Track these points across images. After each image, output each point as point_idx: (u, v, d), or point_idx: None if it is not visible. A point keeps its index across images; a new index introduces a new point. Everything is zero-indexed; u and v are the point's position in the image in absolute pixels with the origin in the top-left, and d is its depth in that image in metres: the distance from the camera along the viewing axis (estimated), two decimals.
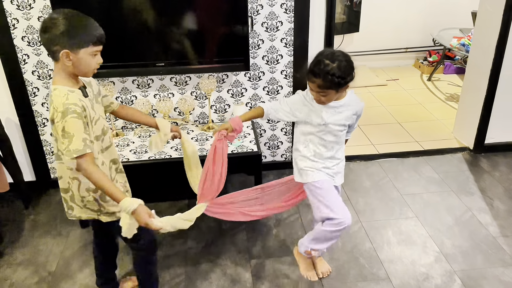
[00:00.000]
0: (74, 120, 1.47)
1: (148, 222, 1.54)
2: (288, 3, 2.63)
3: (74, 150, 1.47)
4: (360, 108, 1.92)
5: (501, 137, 3.32)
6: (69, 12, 1.49)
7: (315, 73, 1.73)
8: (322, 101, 1.82)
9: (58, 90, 1.51)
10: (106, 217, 1.76)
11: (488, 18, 3.07)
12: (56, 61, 1.52)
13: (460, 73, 4.91)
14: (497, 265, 2.27)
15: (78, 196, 1.70)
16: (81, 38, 1.47)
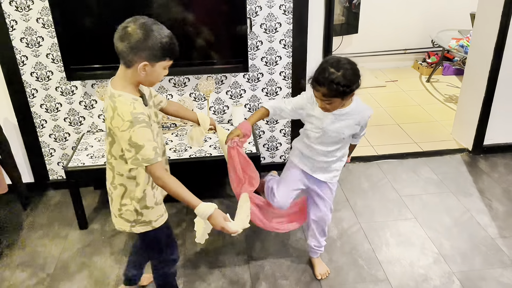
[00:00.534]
0: (143, 130, 1.46)
1: (224, 226, 1.54)
2: (287, 4, 2.64)
3: (145, 160, 1.46)
4: (364, 118, 1.87)
5: (499, 139, 3.32)
6: (147, 22, 1.44)
7: (319, 82, 1.70)
8: (328, 109, 1.80)
9: (123, 97, 1.48)
10: (141, 227, 1.71)
11: (486, 20, 3.07)
12: (127, 67, 1.49)
13: (459, 74, 4.91)
14: (495, 267, 2.27)
15: (117, 203, 1.68)
16: (160, 52, 1.45)
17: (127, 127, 1.45)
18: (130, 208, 1.67)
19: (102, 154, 2.55)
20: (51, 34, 2.53)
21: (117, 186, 1.65)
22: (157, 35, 1.44)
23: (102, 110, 2.79)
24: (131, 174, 1.61)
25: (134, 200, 1.65)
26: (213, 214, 1.52)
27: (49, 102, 2.71)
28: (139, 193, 1.64)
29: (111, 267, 2.32)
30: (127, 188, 1.64)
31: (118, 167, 1.61)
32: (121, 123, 1.46)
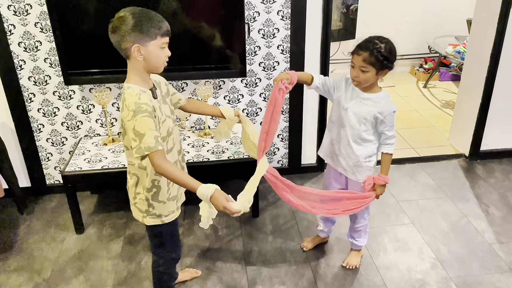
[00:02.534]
0: (145, 119, 1.48)
1: (226, 206, 1.52)
2: (285, 10, 2.65)
3: (146, 148, 1.48)
4: (387, 110, 1.90)
5: (496, 144, 3.33)
6: (133, 8, 1.50)
7: (362, 47, 1.81)
8: (359, 80, 1.85)
9: (131, 89, 1.54)
10: (151, 220, 1.76)
11: (483, 26, 3.09)
12: (128, 59, 1.54)
13: (456, 80, 4.94)
14: (493, 272, 2.27)
15: (132, 192, 1.74)
16: (149, 31, 1.49)
17: (131, 117, 1.49)
18: (142, 197, 1.71)
19: (99, 159, 2.54)
20: (49, 39, 2.53)
21: (132, 175, 1.70)
22: (141, 16, 1.48)
23: (99, 115, 2.78)
24: (142, 164, 1.65)
25: (145, 190, 1.69)
26: (214, 194, 1.51)
27: (47, 106, 2.71)
28: (148, 183, 1.67)
29: (108, 272, 2.31)
30: (139, 177, 1.68)
31: (130, 158, 1.66)
32: (127, 113, 1.51)
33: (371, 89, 1.91)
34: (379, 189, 1.99)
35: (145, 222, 1.76)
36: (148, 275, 2.28)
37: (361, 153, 1.97)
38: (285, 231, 2.60)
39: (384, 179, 1.97)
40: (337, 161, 2.06)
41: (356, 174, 2.02)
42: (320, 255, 2.40)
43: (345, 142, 1.98)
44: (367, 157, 1.99)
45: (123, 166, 2.47)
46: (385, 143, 1.98)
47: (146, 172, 1.66)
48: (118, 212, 2.79)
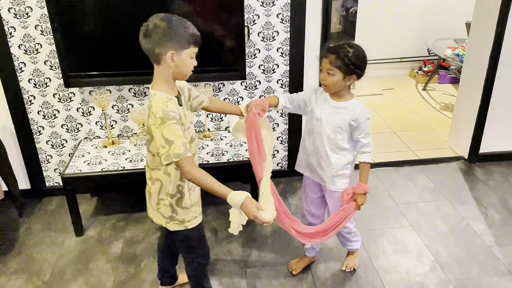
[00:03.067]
0: (173, 126, 1.50)
1: (256, 216, 1.52)
2: (284, 13, 2.66)
3: (175, 154, 1.49)
4: (361, 116, 1.89)
5: (495, 147, 3.34)
6: (169, 15, 1.52)
7: (330, 50, 1.80)
8: (327, 83, 1.84)
9: (158, 96, 1.55)
10: (175, 225, 1.76)
11: (482, 29, 3.10)
12: (157, 64, 1.55)
13: (455, 83, 4.95)
14: (492, 274, 2.27)
15: (155, 198, 1.74)
16: (185, 39, 1.51)
17: (159, 124, 1.50)
18: (166, 203, 1.72)
19: (99, 161, 2.55)
20: (50, 41, 2.54)
21: (155, 181, 1.70)
22: (178, 24, 1.50)
23: (99, 117, 2.79)
24: (167, 170, 1.66)
25: (169, 196, 1.70)
26: (245, 202, 1.51)
27: (47, 108, 2.72)
28: (172, 189, 1.68)
29: (107, 274, 2.31)
30: (163, 183, 1.69)
31: (155, 163, 1.66)
32: (154, 120, 1.52)
33: (342, 97, 1.89)
34: (360, 199, 1.96)
35: (169, 227, 1.77)
36: (147, 277, 2.28)
37: (338, 162, 1.96)
38: (284, 234, 2.59)
39: (363, 188, 1.95)
40: (315, 173, 2.04)
41: (336, 183, 2.00)
42: (319, 258, 2.40)
43: (323, 153, 1.96)
44: (345, 165, 1.98)
45: (123, 168, 2.47)
46: (361, 151, 1.97)
47: (170, 178, 1.67)
48: (117, 214, 2.79)
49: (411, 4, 5.08)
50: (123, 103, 2.77)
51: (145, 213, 2.77)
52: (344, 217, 1.98)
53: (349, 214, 1.98)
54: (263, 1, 2.61)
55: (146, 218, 2.75)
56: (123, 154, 2.63)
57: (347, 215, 1.98)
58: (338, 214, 1.99)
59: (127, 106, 2.78)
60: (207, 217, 2.73)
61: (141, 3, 2.41)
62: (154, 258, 2.41)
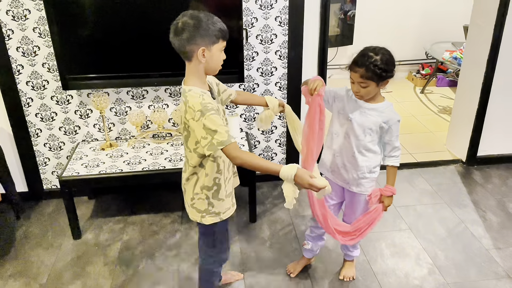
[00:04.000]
0: (214, 116, 1.53)
1: (312, 183, 1.53)
2: (283, 16, 2.66)
3: (219, 143, 1.51)
4: (391, 119, 1.88)
5: (493, 150, 3.34)
6: (197, 12, 1.55)
7: (358, 63, 1.78)
8: (361, 94, 1.83)
9: (192, 91, 1.58)
10: (210, 218, 1.78)
11: (479, 32, 3.11)
12: (189, 61, 1.59)
13: (453, 86, 4.96)
14: (490, 278, 2.27)
15: (190, 193, 1.76)
16: (214, 34, 1.55)
17: (199, 116, 1.52)
18: (202, 197, 1.74)
19: (97, 164, 2.54)
20: (48, 44, 2.53)
21: (189, 177, 1.73)
22: (206, 20, 1.53)
23: (97, 120, 2.78)
24: (202, 164, 1.68)
25: (205, 189, 1.72)
26: (298, 173, 1.52)
27: (44, 111, 2.71)
28: (209, 182, 1.71)
29: (105, 277, 2.30)
30: (198, 178, 1.71)
31: (190, 159, 1.69)
32: (193, 114, 1.54)
33: (374, 99, 1.88)
34: (387, 200, 1.98)
35: (204, 221, 1.78)
36: (145, 280, 2.27)
37: (366, 164, 1.94)
38: (282, 237, 2.60)
39: (391, 190, 1.96)
40: (338, 174, 2.02)
41: (360, 186, 1.99)
42: (317, 261, 2.39)
43: (350, 154, 1.94)
44: (372, 168, 1.96)
45: (121, 171, 2.46)
46: (390, 155, 1.96)
47: (205, 171, 1.69)
48: (115, 217, 2.79)
49: (409, 8, 5.10)
50: (121, 105, 2.77)
51: (143, 216, 2.79)
52: (374, 218, 1.98)
53: (378, 216, 1.98)
54: (261, 4, 2.62)
55: (144, 221, 2.74)
56: (121, 156, 2.62)
57: (376, 216, 1.98)
58: (367, 215, 1.99)
59: (125, 108, 2.78)
60: None
61: (139, 6, 2.41)
62: (152, 261, 2.40)
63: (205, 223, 1.79)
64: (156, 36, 2.49)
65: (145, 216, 2.79)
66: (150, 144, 2.76)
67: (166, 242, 2.56)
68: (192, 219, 1.82)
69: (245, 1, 2.58)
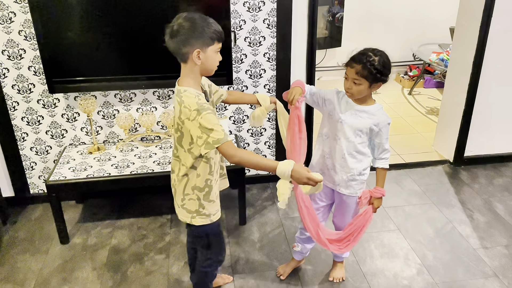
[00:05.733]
0: (210, 115, 1.54)
1: (310, 176, 1.54)
2: (271, 18, 2.67)
3: (215, 141, 1.53)
4: (383, 121, 1.89)
5: (480, 150, 3.38)
6: (192, 14, 1.56)
7: (356, 60, 1.81)
8: (352, 92, 1.84)
9: (188, 91, 1.58)
10: (201, 220, 1.78)
11: (465, 34, 3.15)
12: (184, 62, 1.59)
13: (440, 87, 5.01)
14: (478, 277, 2.29)
15: (180, 194, 1.76)
16: (208, 36, 1.55)
17: (195, 116, 1.53)
18: (193, 197, 1.74)
19: (85, 168, 2.52)
20: (33, 47, 2.51)
21: (181, 177, 1.72)
22: (201, 22, 1.54)
23: (84, 123, 2.76)
24: (194, 165, 1.68)
25: (196, 189, 1.72)
26: (295, 168, 1.54)
27: (31, 115, 2.68)
28: (200, 183, 1.71)
29: (93, 282, 2.28)
30: (189, 178, 1.71)
31: (184, 159, 1.69)
32: (189, 113, 1.54)
33: (365, 101, 1.89)
34: (377, 202, 1.99)
35: (194, 222, 1.79)
36: (133, 285, 2.26)
37: (355, 166, 1.94)
38: (272, 239, 2.60)
39: (381, 192, 1.97)
40: (328, 176, 2.02)
41: (349, 188, 1.99)
42: (307, 263, 2.40)
43: (340, 156, 1.94)
44: (362, 170, 1.97)
45: (108, 175, 2.44)
46: (380, 157, 1.97)
47: (196, 172, 1.69)
48: (103, 221, 2.76)
49: (396, 10, 5.14)
50: (108, 108, 2.75)
51: (131, 219, 2.77)
52: (365, 221, 1.99)
53: (369, 218, 1.99)
54: (249, 7, 2.62)
55: (133, 225, 2.72)
56: (109, 160, 2.60)
57: (367, 219, 1.99)
58: (358, 218, 2.00)
59: (112, 111, 2.76)
60: None
61: (126, 9, 2.40)
62: (141, 265, 2.39)
63: (195, 223, 1.79)
64: (143, 39, 2.50)
65: (134, 220, 2.77)
66: (139, 147, 2.75)
67: (155, 245, 2.54)
68: (181, 220, 1.82)
69: (233, 3, 2.59)
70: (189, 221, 1.79)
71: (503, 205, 2.89)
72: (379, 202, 2.00)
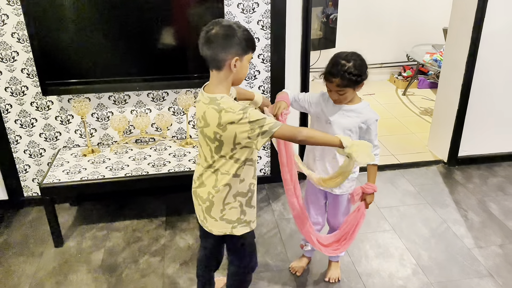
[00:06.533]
0: (255, 110, 1.53)
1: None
2: (265, 20, 2.67)
3: (272, 126, 1.52)
4: (370, 119, 1.90)
5: (473, 150, 3.40)
6: (225, 21, 1.54)
7: (333, 74, 1.79)
8: (340, 100, 1.85)
9: (225, 98, 1.55)
10: (242, 228, 1.74)
11: (458, 35, 3.17)
12: (218, 70, 1.55)
13: (434, 87, 5.03)
14: (472, 276, 2.30)
15: (219, 205, 1.68)
16: (245, 44, 1.54)
17: (242, 115, 1.50)
18: (234, 205, 1.69)
19: (79, 170, 2.51)
20: (26, 49, 2.49)
21: (220, 187, 1.65)
22: (238, 30, 1.52)
23: (78, 125, 2.75)
24: (236, 173, 1.64)
25: (239, 196, 1.69)
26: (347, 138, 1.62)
27: (24, 117, 2.67)
28: (244, 187, 1.68)
29: (88, 285, 2.27)
30: (231, 186, 1.66)
31: (226, 168, 1.63)
32: (234, 116, 1.51)
33: (352, 101, 1.90)
34: (369, 198, 1.98)
35: (235, 232, 1.73)
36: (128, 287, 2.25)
37: None
38: (267, 240, 2.59)
39: (372, 187, 1.96)
40: None
41: (341, 187, 2.00)
42: None
43: (330, 156, 1.95)
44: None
45: (103, 177, 2.43)
46: None
47: (240, 178, 1.66)
48: (98, 224, 2.75)
49: (390, 11, 5.16)
50: (103, 110, 2.74)
51: (126, 222, 2.75)
52: (359, 218, 1.98)
53: (362, 215, 1.99)
54: (243, 8, 2.62)
55: (127, 227, 2.71)
56: (103, 162, 2.59)
57: (360, 216, 1.98)
58: (351, 216, 2.00)
59: (107, 113, 2.75)
60: (186, 226, 2.71)
61: (119, 11, 2.40)
62: (136, 268, 2.38)
63: (236, 233, 1.73)
64: (137, 40, 2.49)
65: (129, 222, 2.76)
66: (133, 149, 2.74)
67: (151, 248, 2.53)
68: (218, 233, 1.74)
69: (227, 5, 2.59)
70: (229, 232, 1.72)
71: (497, 205, 2.91)
72: (371, 198, 1.99)
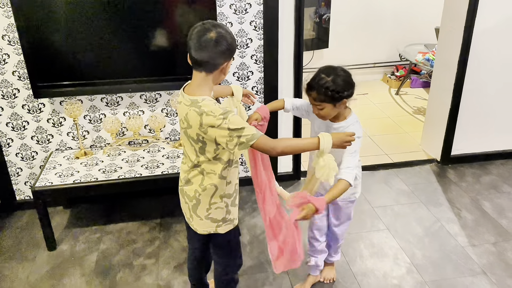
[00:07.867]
0: (235, 117, 1.51)
1: (348, 139, 1.62)
2: (257, 20, 2.67)
3: (249, 138, 1.50)
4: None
5: (466, 149, 3.42)
6: (217, 25, 1.52)
7: (310, 86, 1.75)
8: (321, 115, 1.80)
9: (207, 100, 1.53)
10: (227, 226, 1.76)
11: (450, 34, 3.18)
12: (209, 72, 1.54)
13: (426, 87, 5.05)
14: (466, 275, 2.31)
15: (205, 204, 1.69)
16: (233, 49, 1.55)
17: (222, 119, 1.49)
18: (221, 206, 1.70)
19: (71, 173, 2.49)
20: (17, 51, 2.47)
21: (207, 186, 1.66)
22: (229, 34, 1.53)
23: (70, 128, 2.73)
24: (222, 174, 1.64)
25: (226, 197, 1.70)
26: (333, 135, 1.61)
27: (16, 120, 2.64)
28: (230, 189, 1.70)
29: None
30: (217, 187, 1.67)
31: (211, 168, 1.63)
32: (214, 120, 1.49)
33: (338, 118, 1.84)
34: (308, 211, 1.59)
35: (220, 230, 1.75)
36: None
37: None
38: (262, 241, 2.59)
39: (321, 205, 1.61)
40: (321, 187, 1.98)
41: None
42: None
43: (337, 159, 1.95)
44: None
45: (96, 180, 2.42)
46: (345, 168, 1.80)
47: (227, 180, 1.67)
48: (91, 227, 2.73)
49: (382, 11, 5.17)
50: (95, 113, 2.72)
51: (120, 224, 2.74)
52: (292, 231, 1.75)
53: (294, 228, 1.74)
54: (235, 9, 2.62)
55: (121, 229, 2.70)
56: (96, 165, 2.57)
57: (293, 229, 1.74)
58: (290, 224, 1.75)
59: (99, 116, 2.73)
60: (180, 227, 2.70)
61: (111, 13, 2.38)
62: (130, 270, 2.36)
63: (221, 232, 1.75)
64: (129, 42, 2.48)
65: (123, 225, 2.75)
66: (126, 151, 2.73)
67: (144, 250, 2.52)
68: (203, 232, 1.75)
69: (219, 6, 2.58)
70: (213, 230, 1.74)
71: (490, 203, 2.93)
72: (309, 213, 1.60)
